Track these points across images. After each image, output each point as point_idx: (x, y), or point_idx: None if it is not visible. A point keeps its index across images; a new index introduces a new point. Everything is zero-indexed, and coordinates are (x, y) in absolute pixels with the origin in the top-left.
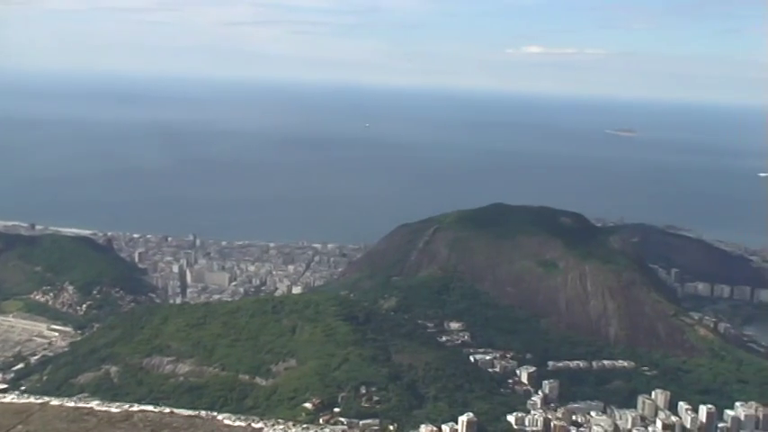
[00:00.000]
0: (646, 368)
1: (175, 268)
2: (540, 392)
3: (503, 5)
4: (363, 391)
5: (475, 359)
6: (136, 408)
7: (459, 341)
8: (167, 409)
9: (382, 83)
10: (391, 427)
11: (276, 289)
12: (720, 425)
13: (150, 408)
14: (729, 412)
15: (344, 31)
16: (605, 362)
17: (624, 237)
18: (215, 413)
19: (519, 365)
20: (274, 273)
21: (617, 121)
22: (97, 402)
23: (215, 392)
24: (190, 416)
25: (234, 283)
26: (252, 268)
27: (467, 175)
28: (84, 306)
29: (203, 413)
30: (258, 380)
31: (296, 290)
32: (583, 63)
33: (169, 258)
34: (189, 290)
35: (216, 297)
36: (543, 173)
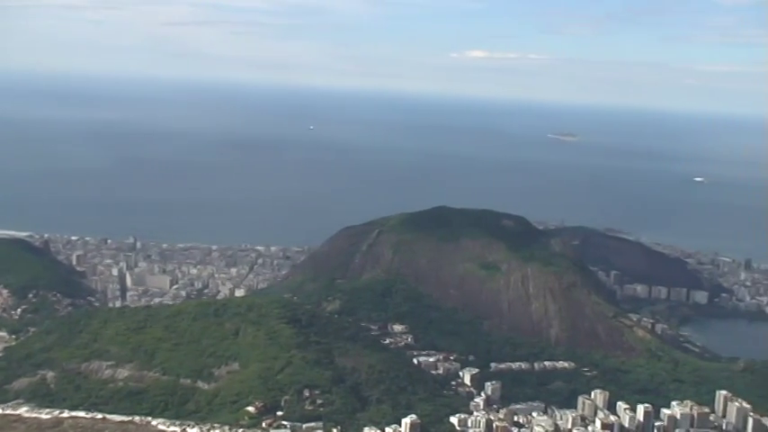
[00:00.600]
0: (586, 369)
1: (115, 271)
2: (482, 394)
3: (447, 10)
4: (307, 395)
5: (418, 361)
6: (66, 414)
7: (403, 343)
8: (100, 415)
9: (327, 85)
10: (335, 430)
11: (219, 292)
12: (657, 424)
13: (82, 414)
14: (666, 411)
15: (288, 32)
16: (546, 363)
17: (565, 239)
18: (149, 418)
19: (462, 367)
20: (217, 275)
21: (559, 126)
22: (26, 409)
23: (155, 397)
24: (123, 421)
25: (175, 287)
26: (194, 271)
27: (410, 177)
28: (20, 310)
29: (137, 419)
30: (200, 384)
31: (239, 293)
32: (526, 68)
33: (108, 261)
34: (129, 293)
35: (157, 300)
36: (486, 176)
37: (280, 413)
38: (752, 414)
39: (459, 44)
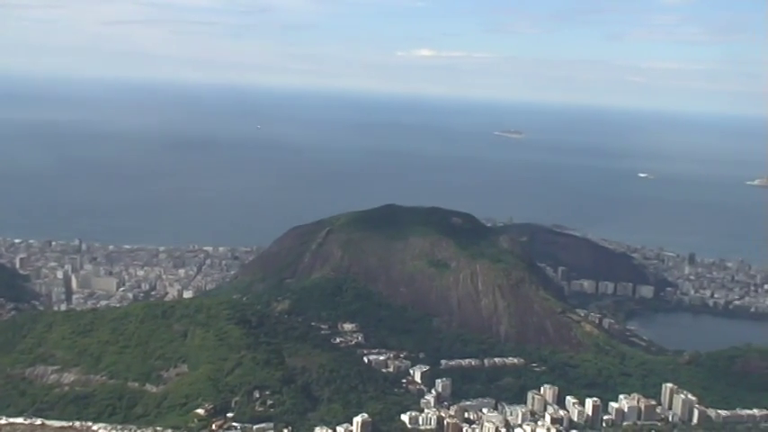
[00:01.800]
0: (535, 364)
1: (60, 274)
2: (433, 391)
3: (394, 9)
4: (257, 396)
5: (369, 360)
6: (4, 420)
7: (353, 342)
8: (39, 421)
9: (274, 84)
10: (285, 431)
11: (166, 293)
12: (605, 417)
13: (20, 420)
14: (614, 404)
15: (234, 31)
16: (496, 359)
17: (513, 236)
18: (90, 423)
19: (412, 365)
20: (164, 277)
21: (505, 123)
22: None
23: (103, 401)
24: (62, 427)
25: (122, 289)
26: (141, 273)
27: (359, 176)
28: None
29: (77, 423)
30: (148, 387)
31: (187, 294)
32: (472, 66)
33: (53, 264)
34: (74, 296)
35: (103, 303)
36: (434, 174)
37: (230, 415)
38: (697, 406)
39: (405, 43)
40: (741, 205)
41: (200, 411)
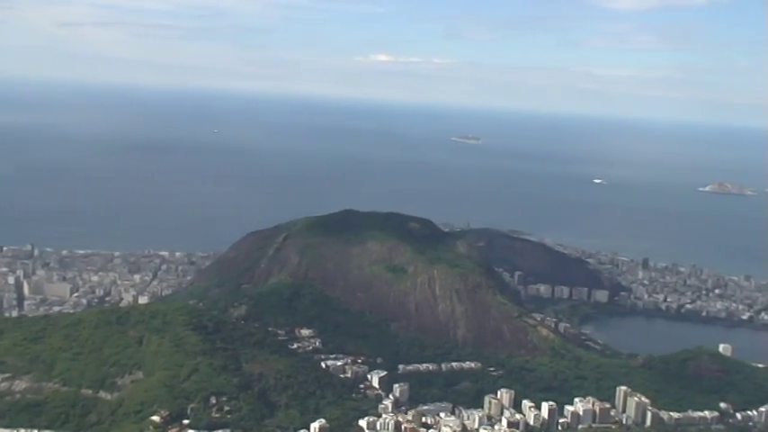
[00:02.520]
0: (492, 368)
1: (11, 279)
2: (390, 396)
3: (351, 14)
4: (213, 402)
5: (326, 365)
6: None
7: (311, 348)
8: None
9: (231, 88)
10: None
11: (121, 299)
12: (561, 420)
13: None
14: (569, 408)
15: (190, 34)
16: (453, 364)
17: (470, 241)
18: (35, 431)
19: (370, 370)
20: (119, 282)
21: (462, 129)
22: None
23: (55, 409)
24: None
25: (76, 294)
26: (95, 278)
27: (316, 181)
28: None
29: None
30: (102, 394)
31: (142, 300)
32: (429, 72)
33: (4, 269)
34: (26, 302)
35: (56, 309)
36: (392, 179)
37: (186, 421)
38: (650, 408)
39: (363, 48)
40: (693, 211)
41: (156, 418)
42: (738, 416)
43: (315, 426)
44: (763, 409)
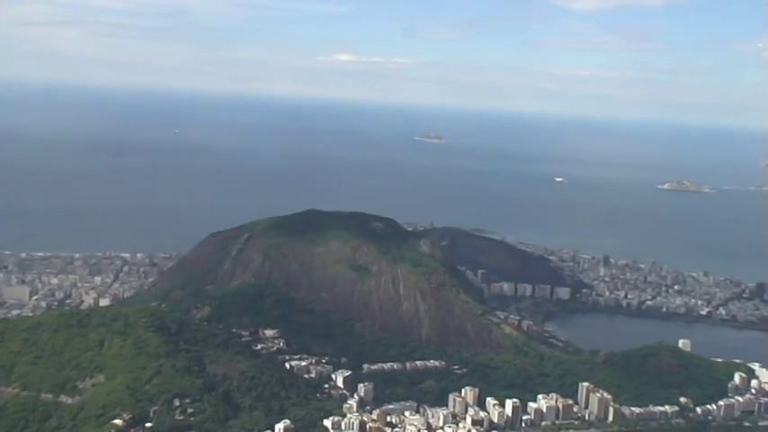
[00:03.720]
0: (456, 367)
1: None
2: (355, 395)
3: (313, 13)
4: (177, 404)
5: (290, 366)
6: None
7: (275, 348)
8: None
9: (192, 88)
10: None
11: (82, 302)
12: (525, 417)
13: None
14: (532, 405)
15: (151, 34)
16: (418, 362)
17: (434, 240)
18: None
19: (334, 370)
20: (80, 285)
21: (425, 128)
22: None
23: (14, 414)
24: None
25: (35, 297)
26: (55, 281)
27: (279, 181)
28: None
29: None
30: (63, 398)
31: (104, 302)
32: (391, 71)
33: None
34: None
35: (15, 312)
36: (355, 178)
37: (149, 425)
38: (612, 404)
39: (325, 48)
40: (652, 208)
41: (118, 422)
42: (698, 410)
43: (279, 426)
44: (721, 402)
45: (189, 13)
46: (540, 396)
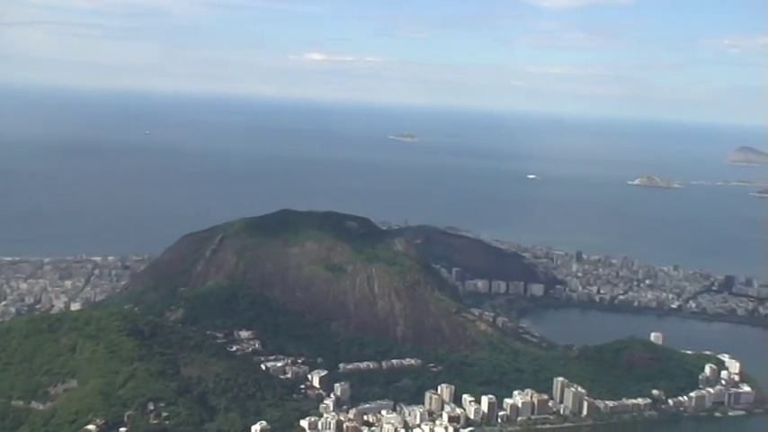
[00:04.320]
0: (432, 364)
1: None
2: (332, 395)
3: (283, 13)
4: (151, 408)
5: (266, 367)
6: None
7: (250, 350)
8: None
9: (163, 88)
10: None
11: (52, 306)
12: (501, 413)
13: None
14: (508, 400)
15: (122, 34)
16: (394, 361)
17: (408, 239)
18: None
19: (310, 370)
20: (50, 289)
21: (398, 127)
22: None
23: None
24: None
25: (4, 303)
26: (24, 286)
27: (252, 181)
28: None
29: None
30: (34, 404)
31: (75, 306)
32: (363, 70)
33: None
34: None
35: None
36: (328, 178)
37: (123, 429)
38: (586, 398)
39: (297, 47)
40: (623, 204)
41: (91, 427)
42: (670, 402)
43: (256, 428)
44: (693, 394)
45: (161, 14)
46: (515, 392)
